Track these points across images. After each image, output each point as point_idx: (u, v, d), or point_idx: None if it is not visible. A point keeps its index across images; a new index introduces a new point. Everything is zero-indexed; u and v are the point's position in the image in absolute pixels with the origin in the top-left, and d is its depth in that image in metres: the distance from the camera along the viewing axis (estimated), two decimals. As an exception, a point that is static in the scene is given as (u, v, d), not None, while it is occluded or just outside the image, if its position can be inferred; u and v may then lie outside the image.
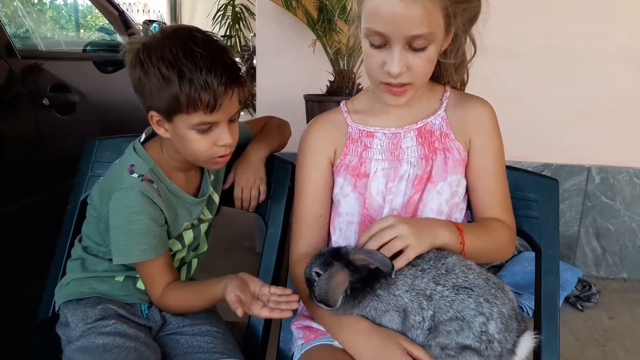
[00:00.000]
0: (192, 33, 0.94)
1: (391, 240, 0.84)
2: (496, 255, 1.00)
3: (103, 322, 0.98)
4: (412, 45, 0.85)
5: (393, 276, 0.82)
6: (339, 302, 0.81)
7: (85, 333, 0.97)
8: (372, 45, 0.88)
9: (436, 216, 0.96)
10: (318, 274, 0.85)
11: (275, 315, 0.86)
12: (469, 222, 1.04)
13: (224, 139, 0.96)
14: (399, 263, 0.83)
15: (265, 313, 0.86)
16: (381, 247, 0.84)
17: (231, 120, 0.98)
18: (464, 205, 1.01)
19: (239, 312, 0.85)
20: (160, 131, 0.98)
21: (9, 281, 1.62)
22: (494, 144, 0.99)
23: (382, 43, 0.86)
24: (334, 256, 0.86)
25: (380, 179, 0.98)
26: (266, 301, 0.87)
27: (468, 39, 0.97)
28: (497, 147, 0.99)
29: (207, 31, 0.97)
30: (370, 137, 1.01)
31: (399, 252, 0.84)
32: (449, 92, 1.02)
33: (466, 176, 1.00)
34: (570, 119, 2.48)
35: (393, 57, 0.86)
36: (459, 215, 1.00)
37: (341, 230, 1.01)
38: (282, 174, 1.21)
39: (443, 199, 0.96)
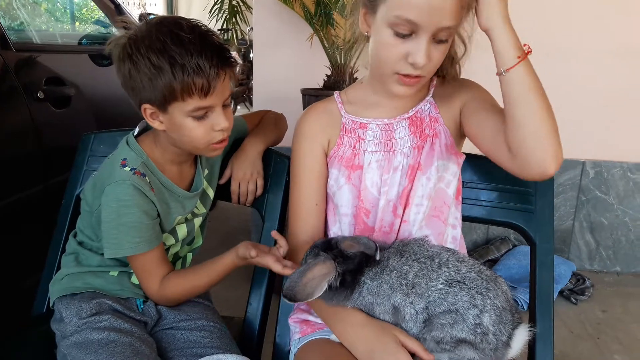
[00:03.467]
0: (177, 20, 0.93)
1: None
2: (548, 109, 0.82)
3: (98, 317, 0.98)
4: (437, 37, 0.85)
5: (377, 257, 0.84)
6: (315, 294, 0.82)
7: (80, 328, 0.97)
8: (397, 34, 0.86)
9: (425, 201, 0.96)
10: None
11: (287, 272, 0.89)
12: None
13: (221, 122, 0.96)
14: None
15: (277, 267, 0.90)
16: None
17: (225, 105, 0.98)
18: (453, 190, 1.00)
19: (254, 252, 0.93)
20: (155, 124, 0.97)
21: (3, 275, 1.61)
22: (482, 93, 0.98)
23: (409, 32, 0.85)
24: (325, 247, 0.87)
25: (375, 170, 0.98)
26: (277, 256, 0.92)
27: (457, 37, 0.97)
28: (487, 94, 0.98)
29: (191, 18, 0.96)
30: (363, 129, 1.01)
31: None
32: (435, 80, 1.03)
33: (471, 128, 0.95)
34: (564, 114, 2.44)
35: (420, 47, 0.84)
36: (448, 199, 0.99)
37: (339, 222, 1.02)
38: (279, 168, 1.20)
39: (432, 184, 0.96)
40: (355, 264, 0.85)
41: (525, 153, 0.80)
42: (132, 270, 1.04)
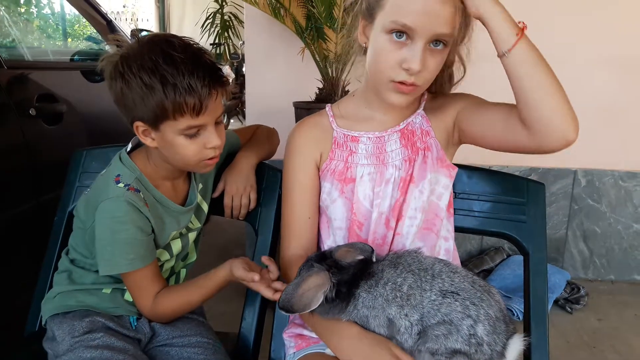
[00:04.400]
0: (169, 39, 0.94)
1: None
2: (556, 84, 0.82)
3: (91, 335, 0.97)
4: (432, 44, 0.86)
5: (374, 259, 0.85)
6: (312, 306, 0.82)
7: (72, 347, 0.96)
8: (393, 40, 0.86)
9: (418, 214, 0.97)
10: None
11: (277, 297, 0.88)
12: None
13: (213, 141, 0.96)
14: None
15: (268, 293, 0.91)
16: None
17: (217, 123, 0.98)
18: (446, 203, 1.00)
19: (257, 277, 0.91)
20: (147, 141, 0.97)
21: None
22: (476, 97, 0.99)
23: (405, 38, 0.86)
24: (319, 259, 0.87)
25: (367, 183, 0.99)
26: (270, 281, 0.92)
27: (457, 58, 0.98)
28: (480, 98, 0.99)
29: (183, 36, 0.97)
30: (355, 142, 1.01)
31: None
32: (426, 94, 1.04)
33: (471, 128, 0.96)
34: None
35: (415, 53, 0.85)
36: (443, 215, 1.00)
37: (333, 235, 1.02)
38: (271, 181, 1.21)
39: (425, 197, 0.97)
40: (350, 275, 0.85)
41: (545, 127, 0.81)
42: (125, 287, 1.04)
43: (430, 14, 0.83)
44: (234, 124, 7.20)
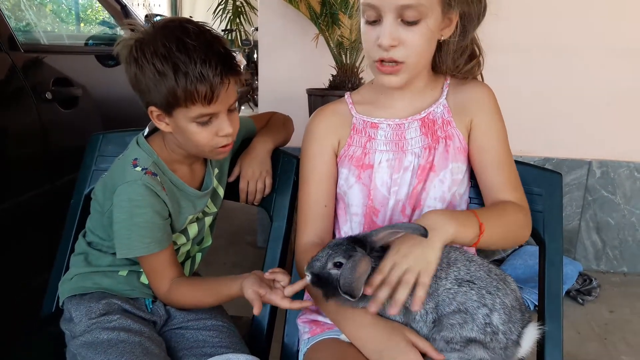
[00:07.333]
0: (184, 25, 0.93)
1: (402, 277, 0.79)
2: (513, 240, 0.98)
3: (107, 317, 0.98)
4: (404, 18, 0.87)
5: (428, 237, 0.79)
6: (361, 292, 0.79)
7: (89, 328, 0.97)
8: (367, 21, 0.90)
9: (438, 203, 0.96)
10: (338, 264, 0.82)
11: (295, 306, 0.88)
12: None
13: (225, 128, 0.96)
14: (419, 293, 0.78)
15: (285, 304, 0.87)
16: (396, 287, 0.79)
17: (230, 110, 0.98)
18: (467, 196, 1.02)
19: (256, 309, 0.86)
20: (162, 125, 0.98)
21: (12, 275, 1.62)
22: (495, 123, 0.99)
23: (376, 18, 0.89)
24: (354, 243, 0.84)
25: (385, 170, 0.98)
26: (283, 290, 0.88)
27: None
28: (499, 126, 0.99)
29: (199, 21, 0.96)
30: (374, 128, 1.01)
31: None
32: (449, 80, 1.03)
33: (471, 158, 0.99)
34: (570, 114, 2.48)
35: (384, 28, 0.88)
36: (463, 206, 1.01)
37: (350, 221, 1.02)
38: (287, 167, 1.21)
39: (445, 187, 0.96)
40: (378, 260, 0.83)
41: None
42: (141, 270, 1.05)
43: None
44: (245, 111, 7.20)
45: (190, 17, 1.00)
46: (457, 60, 0.99)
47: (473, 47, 1.00)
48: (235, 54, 0.98)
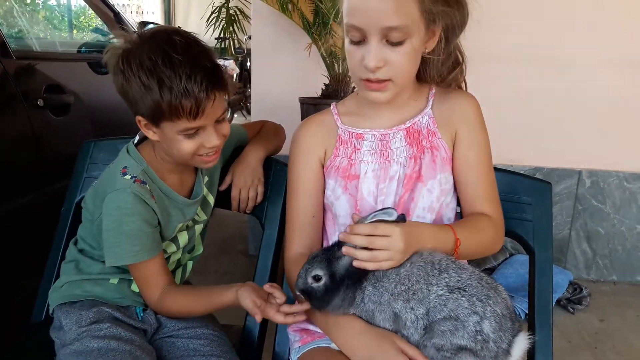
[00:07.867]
0: (171, 37, 0.92)
1: (380, 249, 0.82)
2: (483, 253, 1.01)
3: (97, 325, 0.98)
4: (389, 39, 0.87)
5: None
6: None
7: (79, 336, 0.96)
8: (351, 42, 0.90)
9: (427, 214, 0.97)
10: (317, 278, 0.86)
11: (289, 320, 0.89)
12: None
13: (212, 141, 0.97)
14: (369, 266, 0.82)
15: (280, 318, 0.88)
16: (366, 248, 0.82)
17: (219, 121, 0.98)
18: (454, 205, 1.02)
19: (258, 318, 0.87)
20: (149, 134, 0.98)
21: (1, 282, 1.60)
22: (478, 136, 1.00)
23: (361, 39, 0.88)
24: (326, 254, 0.87)
25: (371, 180, 0.99)
26: (278, 306, 0.89)
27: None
28: (481, 139, 1.00)
29: (188, 32, 0.96)
30: (359, 139, 1.02)
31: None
32: (434, 89, 1.03)
33: (453, 169, 1.00)
34: (561, 123, 2.51)
35: (369, 50, 0.87)
36: (451, 215, 1.01)
37: (338, 232, 1.02)
38: (279, 176, 1.21)
39: (434, 197, 0.97)
40: (354, 271, 0.85)
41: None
42: (132, 278, 1.04)
43: (370, 10, 0.85)
44: (238, 119, 7.20)
45: (179, 27, 1.00)
46: (440, 69, 0.99)
47: (456, 54, 1.01)
48: (227, 62, 0.98)
